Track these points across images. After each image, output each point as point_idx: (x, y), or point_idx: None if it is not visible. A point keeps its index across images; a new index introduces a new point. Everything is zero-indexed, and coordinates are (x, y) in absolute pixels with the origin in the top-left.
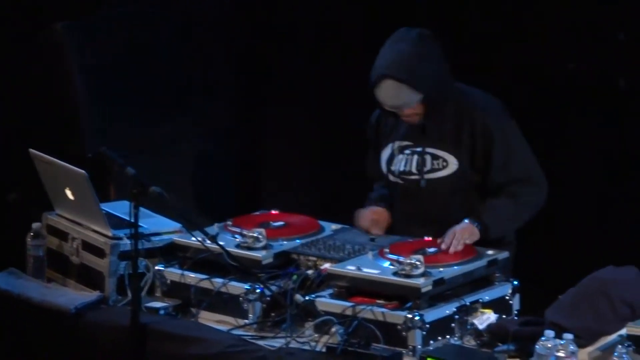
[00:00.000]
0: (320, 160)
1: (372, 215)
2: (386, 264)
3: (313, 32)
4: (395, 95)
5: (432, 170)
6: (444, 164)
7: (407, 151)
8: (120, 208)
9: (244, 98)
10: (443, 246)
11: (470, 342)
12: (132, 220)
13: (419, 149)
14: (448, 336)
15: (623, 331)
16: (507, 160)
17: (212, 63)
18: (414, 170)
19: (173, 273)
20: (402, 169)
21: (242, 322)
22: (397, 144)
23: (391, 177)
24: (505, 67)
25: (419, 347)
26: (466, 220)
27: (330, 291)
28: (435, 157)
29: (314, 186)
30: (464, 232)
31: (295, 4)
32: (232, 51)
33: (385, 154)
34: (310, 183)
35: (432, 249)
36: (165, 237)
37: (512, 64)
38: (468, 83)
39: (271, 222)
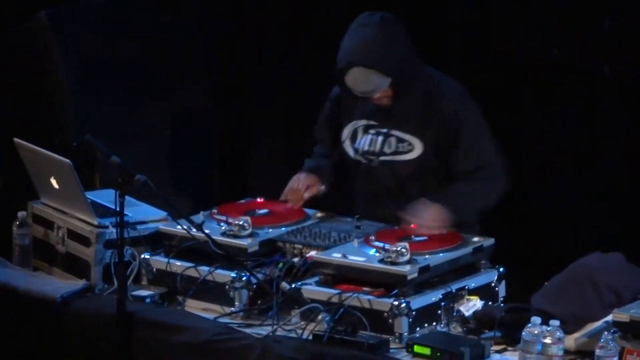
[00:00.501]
0: (306, 147)
1: (306, 182)
2: (372, 251)
3: (297, 15)
4: (364, 80)
5: (397, 153)
6: (410, 147)
7: (372, 131)
8: (106, 196)
9: (228, 84)
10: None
11: (456, 329)
12: (118, 209)
13: (384, 130)
14: (434, 323)
15: (609, 317)
16: (471, 149)
17: (196, 49)
18: (377, 150)
19: (159, 261)
20: (366, 148)
21: (228, 310)
22: (363, 122)
23: (354, 156)
24: (488, 52)
25: (405, 334)
26: (427, 200)
27: (316, 279)
28: (400, 140)
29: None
30: (432, 218)
31: None
32: (215, 36)
33: (348, 131)
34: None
35: (417, 236)
36: (150, 225)
37: (495, 49)
38: (450, 68)
39: (257, 210)
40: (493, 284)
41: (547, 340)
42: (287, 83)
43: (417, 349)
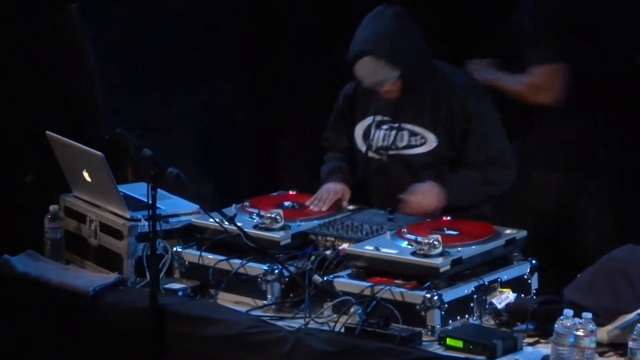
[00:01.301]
0: None
1: (338, 196)
2: (404, 243)
3: (326, 8)
4: (373, 71)
5: (410, 146)
6: (422, 140)
7: (385, 126)
8: (138, 190)
9: (258, 76)
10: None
11: (489, 322)
12: (150, 202)
13: (397, 124)
14: (467, 316)
15: None
16: (482, 141)
17: (226, 41)
18: (391, 145)
19: (191, 254)
20: (380, 144)
21: (260, 303)
22: (376, 118)
23: (367, 152)
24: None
25: (438, 326)
26: (430, 182)
27: (348, 271)
28: (413, 133)
29: None
30: (421, 198)
31: None
32: (244, 28)
33: (361, 128)
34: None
35: (450, 229)
36: (183, 218)
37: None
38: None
39: (289, 203)
40: (525, 277)
41: (580, 333)
42: (316, 76)
43: (449, 341)
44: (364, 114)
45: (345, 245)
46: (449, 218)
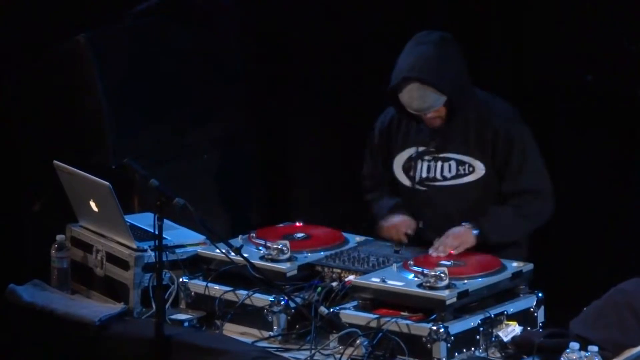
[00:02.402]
0: (343, 172)
1: (404, 227)
2: (410, 276)
3: (338, 37)
4: (420, 97)
5: (458, 176)
6: (470, 169)
7: (428, 157)
8: (145, 220)
9: (267, 108)
10: (430, 250)
11: (495, 355)
12: (156, 232)
13: (442, 155)
14: (473, 348)
15: None
16: (520, 171)
17: (235, 70)
18: (438, 176)
19: (197, 285)
20: (425, 175)
21: (266, 334)
22: (416, 149)
23: (411, 185)
24: (521, 78)
25: (444, 359)
26: (464, 224)
27: (354, 303)
28: (460, 162)
29: (338, 197)
30: (455, 237)
31: (315, 9)
32: (254, 58)
33: (401, 159)
34: (334, 194)
35: (456, 262)
36: (189, 249)
37: (528, 75)
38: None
39: (295, 234)
40: (532, 309)
41: None
42: (327, 107)
43: None
44: (403, 146)
45: (351, 277)
46: (454, 251)
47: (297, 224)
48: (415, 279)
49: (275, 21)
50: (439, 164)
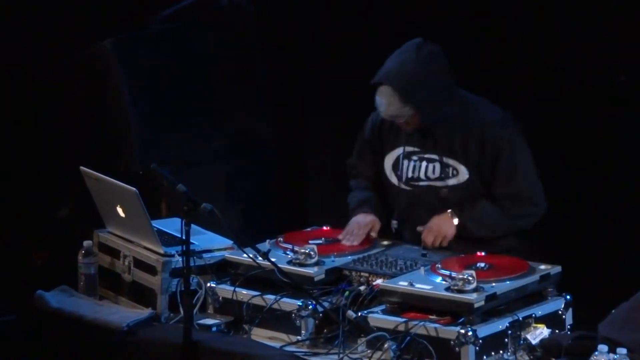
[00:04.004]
0: None
1: (368, 229)
2: (438, 279)
3: (357, 43)
4: (388, 103)
5: (441, 178)
6: (454, 172)
7: (415, 157)
8: (172, 225)
9: (287, 112)
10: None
11: (523, 357)
12: (184, 238)
13: (426, 155)
14: (501, 351)
15: None
16: (509, 175)
17: (258, 76)
18: (422, 176)
19: (225, 290)
20: (410, 175)
21: (294, 338)
22: (405, 149)
23: (397, 183)
24: (554, 79)
25: None
26: (448, 212)
27: (382, 307)
28: (445, 164)
29: None
30: (436, 232)
31: (335, 16)
32: (276, 64)
33: (390, 159)
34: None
35: (484, 264)
36: (216, 254)
37: (561, 76)
38: (518, 94)
39: (323, 238)
40: (560, 312)
41: None
42: (348, 111)
43: None
44: (394, 145)
45: (379, 281)
46: (483, 254)
47: (324, 228)
48: (443, 282)
49: (296, 28)
50: (424, 164)
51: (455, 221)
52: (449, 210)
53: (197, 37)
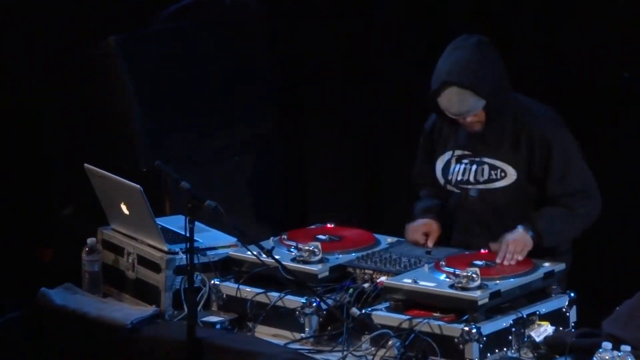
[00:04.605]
0: (367, 171)
1: (423, 229)
2: (442, 276)
3: (357, 42)
4: (459, 101)
5: (490, 181)
6: (502, 174)
7: (465, 160)
8: (176, 222)
9: (289, 110)
10: (497, 260)
11: (527, 355)
12: (188, 235)
13: (477, 159)
14: (505, 349)
15: None
16: (564, 172)
17: (263, 74)
18: (472, 180)
19: (229, 287)
20: (459, 178)
21: (298, 336)
22: (455, 152)
23: (448, 186)
24: (559, 77)
25: (476, 359)
26: (519, 228)
27: (386, 304)
28: (493, 167)
29: (361, 197)
30: (517, 243)
31: (338, 18)
32: (281, 62)
33: (441, 162)
34: (357, 194)
35: (488, 262)
36: (220, 251)
37: (565, 74)
38: (523, 93)
39: (327, 236)
40: (564, 309)
41: None
42: (349, 110)
43: None
44: (444, 149)
45: (383, 278)
46: (486, 251)
47: (329, 225)
48: (447, 279)
49: (298, 26)
50: (474, 167)
51: (531, 234)
52: (520, 227)
53: (201, 35)
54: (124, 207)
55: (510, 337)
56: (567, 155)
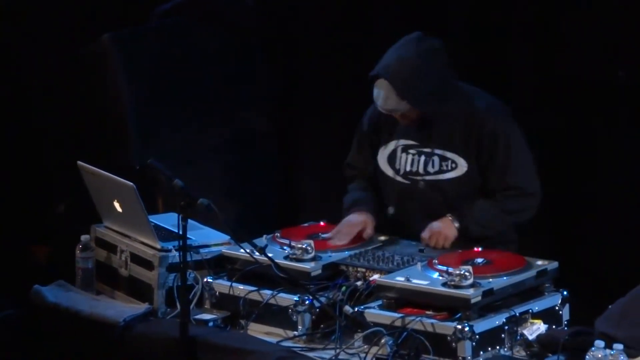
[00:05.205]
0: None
1: (360, 226)
2: (435, 274)
3: (350, 39)
4: (385, 97)
5: (441, 172)
6: (453, 165)
7: (412, 151)
8: (169, 220)
9: (284, 107)
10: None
11: (520, 353)
12: (181, 233)
13: (427, 150)
14: (498, 347)
15: None
16: (505, 167)
17: (257, 72)
18: (421, 170)
19: (222, 285)
20: (408, 169)
21: (291, 333)
22: (402, 142)
23: (394, 177)
24: (553, 75)
25: (469, 358)
26: (447, 217)
27: (379, 302)
28: (443, 158)
29: None
30: (439, 235)
31: (331, 13)
32: (275, 60)
33: (386, 151)
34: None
35: (480, 260)
36: (213, 249)
37: (559, 72)
38: (517, 92)
39: (320, 234)
40: (557, 308)
41: None
42: (343, 107)
43: None
44: (389, 137)
45: (376, 276)
46: (480, 249)
47: (321, 223)
48: (440, 277)
49: (294, 23)
50: (422, 158)
51: (457, 224)
52: (449, 215)
53: (196, 32)
54: (117, 205)
55: (503, 335)
56: (510, 150)
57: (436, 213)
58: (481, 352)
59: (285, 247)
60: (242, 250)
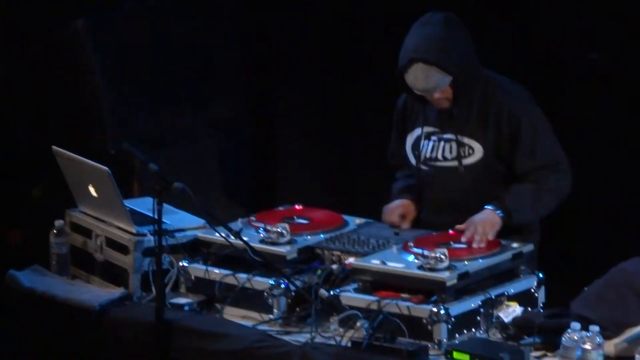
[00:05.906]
0: (336, 152)
1: (399, 210)
2: (411, 257)
3: (325, 24)
4: (425, 78)
5: (458, 157)
6: (470, 151)
7: (434, 137)
8: (144, 204)
9: (259, 92)
10: (463, 239)
11: (495, 336)
12: (156, 217)
13: (445, 136)
14: (473, 329)
15: None
16: (533, 147)
17: (231, 57)
18: (440, 157)
19: (197, 269)
20: (429, 155)
21: (266, 317)
22: (424, 129)
23: (416, 164)
24: (527, 58)
25: (445, 340)
26: (488, 207)
27: (354, 286)
28: (460, 144)
29: (330, 178)
30: (485, 224)
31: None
32: (249, 45)
33: (411, 139)
34: (326, 175)
35: (457, 243)
36: (189, 233)
37: (534, 54)
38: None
39: (295, 217)
40: (532, 290)
41: (587, 346)
42: (318, 92)
43: (456, 355)
44: (413, 126)
45: (351, 260)
46: (454, 232)
47: (297, 207)
48: (416, 260)
49: (269, 7)
50: (442, 144)
51: (499, 213)
52: (489, 206)
53: (170, 16)
54: (92, 190)
55: (478, 318)
56: (536, 130)
57: (456, 201)
58: (457, 335)
59: (260, 231)
60: (217, 234)
